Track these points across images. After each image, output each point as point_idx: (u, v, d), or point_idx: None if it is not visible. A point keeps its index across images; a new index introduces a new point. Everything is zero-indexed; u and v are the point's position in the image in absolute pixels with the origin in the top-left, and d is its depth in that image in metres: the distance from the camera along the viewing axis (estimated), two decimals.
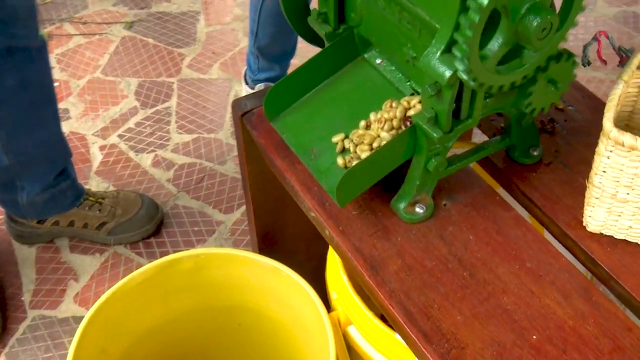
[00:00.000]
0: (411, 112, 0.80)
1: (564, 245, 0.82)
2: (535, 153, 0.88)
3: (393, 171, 0.79)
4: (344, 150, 0.83)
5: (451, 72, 0.66)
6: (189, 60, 2.04)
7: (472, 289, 0.76)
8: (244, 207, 1.65)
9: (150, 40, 2.11)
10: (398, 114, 0.80)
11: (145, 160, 1.76)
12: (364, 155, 0.81)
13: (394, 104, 0.82)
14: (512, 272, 0.77)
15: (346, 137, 0.83)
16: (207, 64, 2.03)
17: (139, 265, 1.54)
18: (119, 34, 2.14)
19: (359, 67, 0.88)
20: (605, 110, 0.74)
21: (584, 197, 0.84)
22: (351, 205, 0.84)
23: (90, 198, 1.55)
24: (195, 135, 1.82)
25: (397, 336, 0.88)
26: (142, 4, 2.24)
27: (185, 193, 1.68)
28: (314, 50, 0.89)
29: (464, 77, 0.65)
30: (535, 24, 0.64)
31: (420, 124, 0.73)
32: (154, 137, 1.82)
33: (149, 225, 1.58)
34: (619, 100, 0.76)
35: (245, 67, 1.84)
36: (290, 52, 1.78)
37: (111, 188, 1.69)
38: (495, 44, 0.64)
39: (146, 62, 2.03)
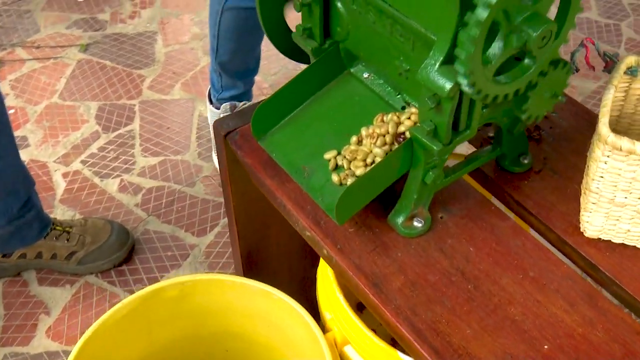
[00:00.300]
0: (402, 128, 0.79)
1: (562, 252, 0.82)
2: (526, 161, 0.87)
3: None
4: (337, 167, 0.81)
5: (451, 83, 0.65)
6: (149, 81, 2.00)
7: (478, 301, 0.75)
8: (217, 229, 1.62)
9: (108, 63, 2.06)
10: (390, 129, 0.79)
11: (111, 185, 1.72)
12: (358, 172, 0.79)
13: (385, 118, 0.81)
14: (516, 282, 0.76)
15: (338, 153, 0.82)
16: (168, 84, 2.00)
17: (113, 295, 1.50)
18: (74, 57, 2.08)
19: (346, 81, 0.87)
20: (600, 116, 0.75)
21: (577, 203, 0.84)
22: (347, 223, 0.82)
23: (57, 227, 1.50)
24: (161, 158, 1.78)
25: (400, 354, 0.87)
26: (96, 25, 2.19)
27: (155, 217, 1.64)
28: (293, 68, 0.87)
29: (468, 90, 0.64)
30: (534, 35, 0.63)
31: (418, 137, 0.72)
32: (118, 161, 1.77)
33: (120, 252, 1.53)
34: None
35: (209, 87, 1.81)
36: (254, 68, 1.75)
37: (77, 216, 1.64)
38: (495, 53, 0.64)
39: (105, 85, 1.99)
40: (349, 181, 0.79)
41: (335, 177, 0.80)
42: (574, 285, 0.76)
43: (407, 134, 0.78)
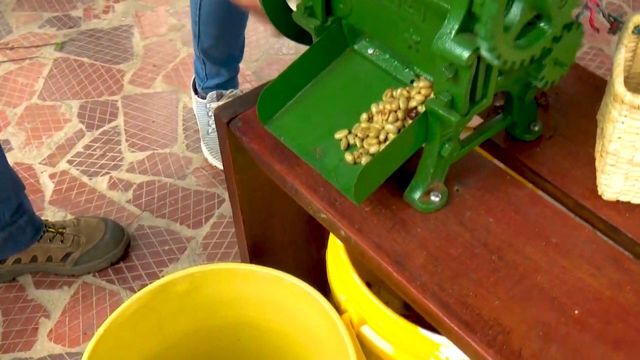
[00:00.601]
0: (413, 103, 0.77)
1: (580, 217, 0.81)
2: (536, 128, 0.87)
3: None
4: (349, 147, 0.80)
5: (469, 51, 0.64)
6: (130, 76, 1.97)
7: (503, 272, 0.74)
8: (212, 220, 1.60)
9: (85, 60, 2.02)
10: (402, 104, 0.77)
11: (101, 183, 1.68)
12: (372, 150, 0.78)
13: (394, 94, 0.80)
14: (540, 250, 0.75)
15: (349, 132, 0.80)
16: (150, 77, 1.96)
17: (112, 293, 1.47)
18: (50, 56, 2.04)
19: (350, 59, 0.85)
20: (614, 76, 0.74)
21: (592, 166, 0.84)
22: (363, 203, 0.80)
23: (50, 229, 1.47)
24: (149, 152, 1.76)
25: (421, 330, 0.86)
26: (70, 22, 2.15)
27: (148, 212, 1.62)
28: (275, 53, 0.86)
29: (488, 55, 0.62)
30: None
31: (435, 110, 0.71)
32: (105, 158, 1.74)
33: (117, 250, 1.50)
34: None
35: (193, 77, 1.79)
36: (238, 55, 1.73)
37: (69, 216, 1.60)
38: (515, 15, 0.63)
39: (85, 83, 1.95)
40: (363, 159, 0.78)
41: (349, 157, 0.78)
42: (597, 249, 0.75)
43: (420, 109, 0.76)
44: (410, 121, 0.77)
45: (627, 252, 0.77)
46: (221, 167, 1.69)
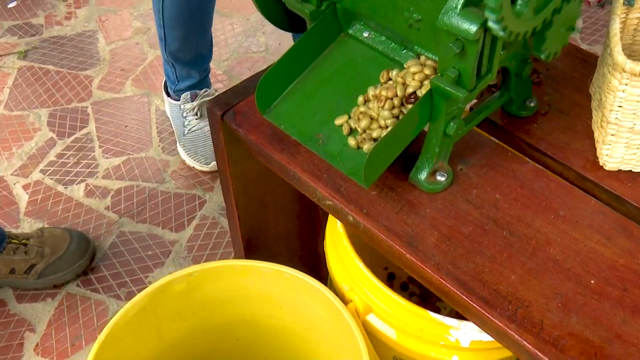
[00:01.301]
0: (410, 89, 0.77)
1: (583, 190, 0.82)
2: (532, 104, 0.87)
3: None
4: (351, 131, 0.79)
5: (477, 25, 0.64)
6: (98, 81, 1.93)
7: (516, 246, 0.74)
8: (195, 222, 1.57)
9: (51, 67, 1.97)
10: (399, 92, 0.77)
11: (77, 191, 1.65)
12: (375, 134, 0.77)
13: (390, 74, 0.79)
14: (549, 222, 0.76)
15: (350, 117, 0.79)
16: (119, 82, 1.93)
17: (98, 303, 1.44)
18: (13, 65, 1.99)
19: (345, 43, 0.84)
20: (612, 45, 0.74)
21: (590, 139, 0.84)
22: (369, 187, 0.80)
23: (14, 241, 1.42)
24: (124, 157, 1.72)
25: (431, 313, 0.85)
26: (32, 30, 2.10)
27: (129, 218, 1.58)
28: (244, 52, 0.84)
29: (496, 27, 0.62)
30: None
31: (441, 87, 0.70)
32: (80, 166, 1.70)
33: (82, 260, 1.46)
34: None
35: (164, 79, 1.76)
36: (207, 55, 1.71)
37: (47, 227, 1.56)
38: None
39: (52, 90, 1.90)
40: (367, 144, 0.77)
41: (352, 141, 0.77)
42: (605, 219, 0.76)
43: (419, 93, 0.76)
44: (408, 106, 0.76)
45: (633, 220, 0.78)
46: (200, 168, 1.67)
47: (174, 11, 1.55)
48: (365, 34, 0.83)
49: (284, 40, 1.99)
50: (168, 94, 1.75)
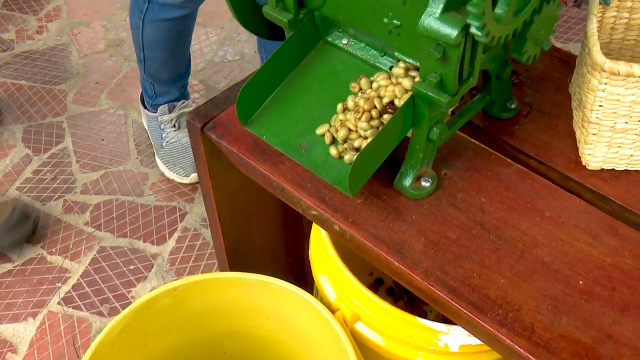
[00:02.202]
0: (386, 100, 0.76)
1: (567, 189, 0.82)
2: (513, 106, 0.87)
3: None
4: (334, 140, 0.78)
5: (457, 30, 0.64)
6: (73, 95, 1.91)
7: (504, 250, 0.74)
8: (176, 235, 1.56)
9: (24, 82, 1.95)
10: (377, 104, 0.76)
11: (55, 207, 1.62)
12: (356, 143, 0.76)
13: (361, 84, 0.78)
14: (536, 224, 0.76)
15: (330, 126, 0.79)
16: (93, 95, 1.90)
17: (81, 320, 1.42)
18: None
19: (324, 51, 0.84)
20: (590, 45, 0.75)
21: (572, 138, 0.85)
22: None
23: None
24: (102, 172, 1.70)
25: (420, 319, 0.85)
26: (2, 46, 2.07)
27: (109, 233, 1.57)
28: (220, 61, 0.83)
29: (478, 32, 0.62)
30: None
31: (424, 92, 0.70)
32: (57, 182, 1.68)
33: (25, 225, 1.50)
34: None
35: (141, 91, 1.74)
36: (185, 71, 1.69)
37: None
38: None
39: (26, 106, 1.88)
40: (348, 154, 0.76)
41: (334, 151, 0.77)
42: (591, 218, 0.76)
43: (397, 102, 0.75)
44: (386, 117, 0.76)
45: (618, 219, 0.78)
46: (179, 181, 1.66)
47: (155, 39, 1.53)
48: (344, 41, 0.82)
49: None
50: (145, 106, 1.74)
